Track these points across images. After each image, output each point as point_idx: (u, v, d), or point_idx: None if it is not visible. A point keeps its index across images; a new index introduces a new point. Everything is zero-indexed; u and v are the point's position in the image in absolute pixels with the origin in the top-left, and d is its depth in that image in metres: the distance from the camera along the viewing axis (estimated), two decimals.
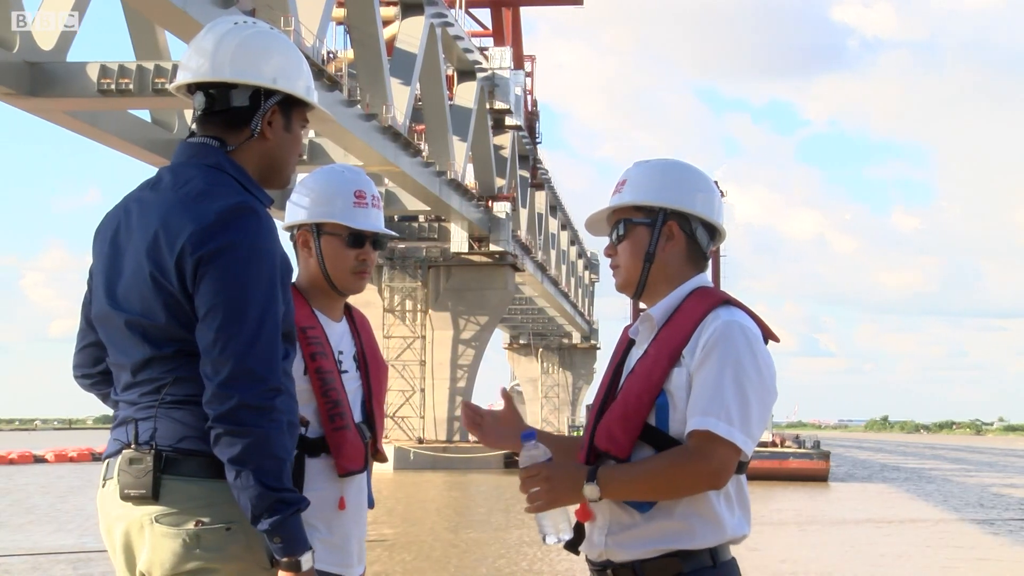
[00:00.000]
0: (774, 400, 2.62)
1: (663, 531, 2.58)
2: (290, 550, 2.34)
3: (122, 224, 2.50)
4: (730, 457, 2.51)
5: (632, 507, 2.59)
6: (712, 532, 2.58)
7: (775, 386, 2.61)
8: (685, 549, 2.57)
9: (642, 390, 2.60)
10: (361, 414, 3.10)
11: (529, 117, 55.16)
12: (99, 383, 2.62)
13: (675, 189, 2.72)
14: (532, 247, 54.84)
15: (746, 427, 2.52)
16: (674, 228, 2.71)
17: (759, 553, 17.97)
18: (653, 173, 2.75)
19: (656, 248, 2.71)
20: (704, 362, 2.55)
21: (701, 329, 2.59)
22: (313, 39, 28.05)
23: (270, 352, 2.36)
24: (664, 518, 2.57)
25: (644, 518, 2.58)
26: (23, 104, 24.59)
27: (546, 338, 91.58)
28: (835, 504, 31.53)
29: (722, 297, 2.67)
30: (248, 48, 2.54)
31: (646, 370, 2.62)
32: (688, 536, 2.57)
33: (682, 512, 2.57)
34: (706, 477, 2.51)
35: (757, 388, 2.55)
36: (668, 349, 2.60)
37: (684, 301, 2.67)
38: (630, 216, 2.74)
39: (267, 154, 2.57)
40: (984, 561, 18.88)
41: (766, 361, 2.59)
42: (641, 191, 2.73)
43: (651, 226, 2.71)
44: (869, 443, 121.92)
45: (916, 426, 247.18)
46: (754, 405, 2.54)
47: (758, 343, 2.59)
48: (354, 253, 3.11)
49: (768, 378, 2.58)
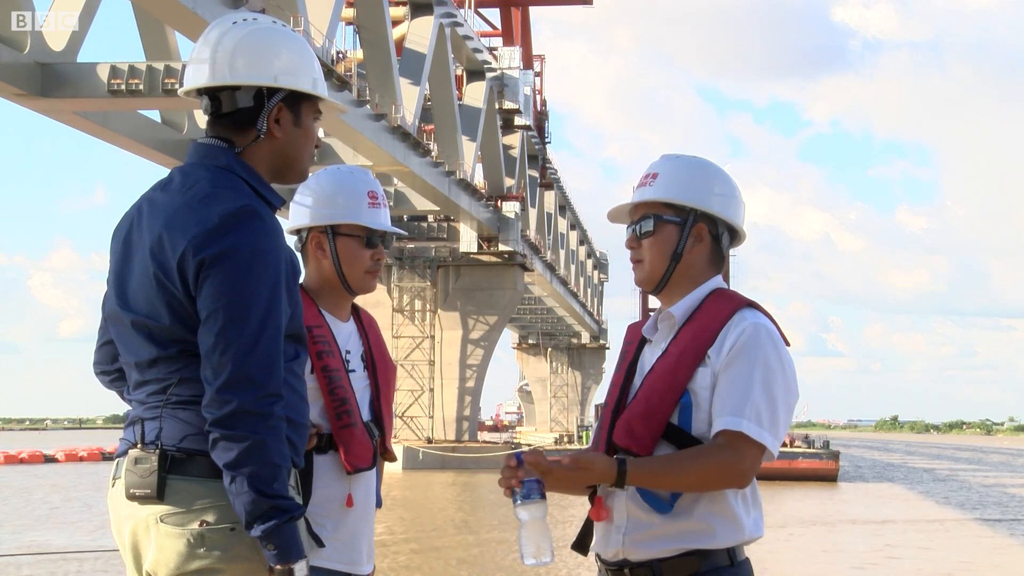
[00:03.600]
0: (796, 400, 2.63)
1: (683, 531, 2.58)
2: (283, 558, 2.33)
3: (135, 224, 2.50)
4: (757, 458, 2.54)
5: (652, 507, 2.59)
6: (731, 532, 2.59)
7: (798, 388, 2.64)
8: (704, 548, 2.57)
9: (666, 388, 2.60)
10: (369, 413, 3.10)
11: (538, 117, 55.15)
12: (117, 380, 2.62)
13: (708, 191, 2.71)
14: (541, 247, 54.82)
15: (774, 429, 2.55)
16: (703, 231, 2.71)
17: (771, 553, 17.94)
18: (687, 171, 2.73)
19: (684, 249, 2.70)
20: (732, 363, 2.56)
21: (727, 330, 2.59)
22: (322, 39, 28.08)
23: (270, 358, 2.35)
24: (684, 518, 2.58)
25: (664, 519, 2.58)
26: (34, 105, 24.65)
27: (555, 338, 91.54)
28: (845, 504, 31.45)
29: (745, 300, 2.68)
30: (247, 48, 2.50)
31: (669, 369, 2.61)
32: (708, 536, 2.58)
33: (702, 512, 2.58)
34: (735, 476, 2.53)
35: (783, 391, 2.57)
36: (693, 349, 2.61)
37: (704, 301, 2.67)
38: (660, 212, 2.71)
39: (278, 152, 2.55)
40: (999, 563, 18.82)
41: (790, 364, 2.61)
42: (675, 188, 2.71)
43: (681, 225, 2.70)
44: (879, 443, 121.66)
45: (926, 426, 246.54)
46: (781, 407, 2.56)
47: (782, 346, 2.61)
48: (370, 253, 3.13)
49: (792, 381, 2.61)
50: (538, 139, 54.70)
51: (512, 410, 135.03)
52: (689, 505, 2.58)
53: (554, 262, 60.20)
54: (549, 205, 59.62)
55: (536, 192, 55.12)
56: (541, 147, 55.74)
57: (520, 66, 48.13)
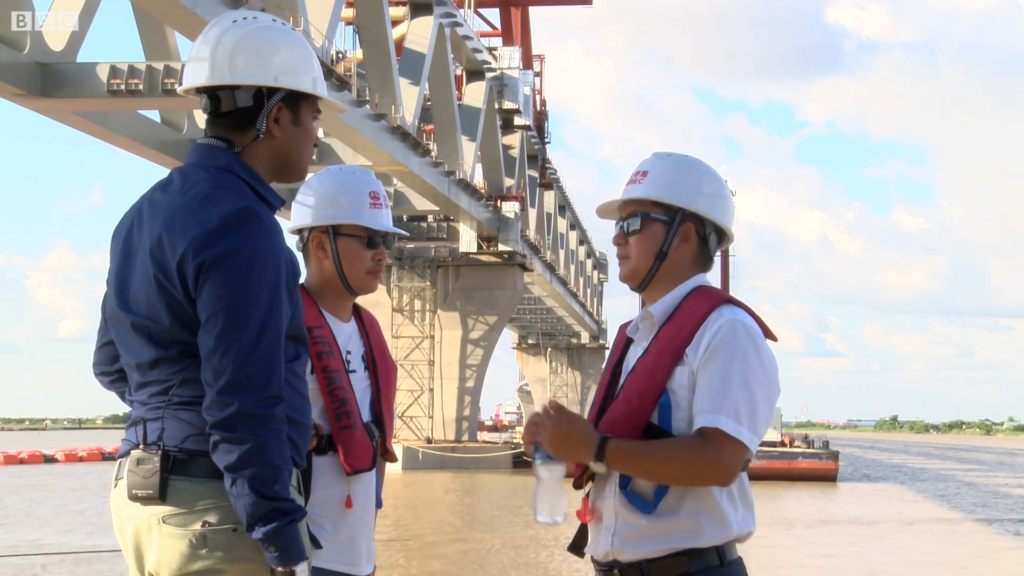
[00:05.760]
0: (778, 396, 2.62)
1: (670, 530, 2.57)
2: (285, 559, 2.33)
3: (135, 224, 2.50)
4: (738, 455, 2.52)
5: (636, 508, 2.59)
6: (719, 530, 2.58)
7: (779, 383, 2.62)
8: (693, 548, 2.57)
9: (645, 389, 2.60)
10: (370, 414, 3.11)
11: (538, 117, 55.11)
12: (117, 380, 2.62)
13: (697, 191, 2.71)
14: (541, 247, 54.80)
15: (753, 425, 2.53)
16: (690, 230, 2.71)
17: (770, 553, 17.95)
18: (676, 170, 2.73)
19: (670, 248, 2.71)
20: (710, 360, 2.56)
21: (704, 327, 2.59)
22: (322, 39, 28.07)
23: (270, 360, 2.35)
24: (671, 517, 2.57)
25: (650, 519, 2.58)
26: (33, 105, 24.64)
27: (555, 338, 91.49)
28: (844, 504, 31.46)
29: (724, 296, 2.67)
30: (247, 47, 2.49)
31: (648, 369, 2.62)
32: (696, 534, 2.57)
33: (688, 511, 2.57)
34: (716, 473, 2.52)
35: (763, 386, 2.56)
36: (671, 347, 2.61)
37: (685, 299, 2.68)
38: (648, 210, 2.72)
39: (278, 151, 2.55)
40: (999, 563, 18.82)
41: (770, 359, 2.60)
42: (663, 187, 2.71)
43: (668, 224, 2.71)
44: (878, 443, 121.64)
45: (926, 426, 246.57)
46: (760, 403, 2.55)
47: (762, 341, 2.60)
48: (371, 253, 3.14)
49: (772, 375, 2.60)
50: (538, 139, 54.66)
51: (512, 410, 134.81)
52: (675, 504, 2.57)
53: (554, 262, 60.18)
54: (549, 205, 59.60)
55: (536, 192, 55.10)
56: (541, 147, 55.70)
57: (520, 66, 48.12)
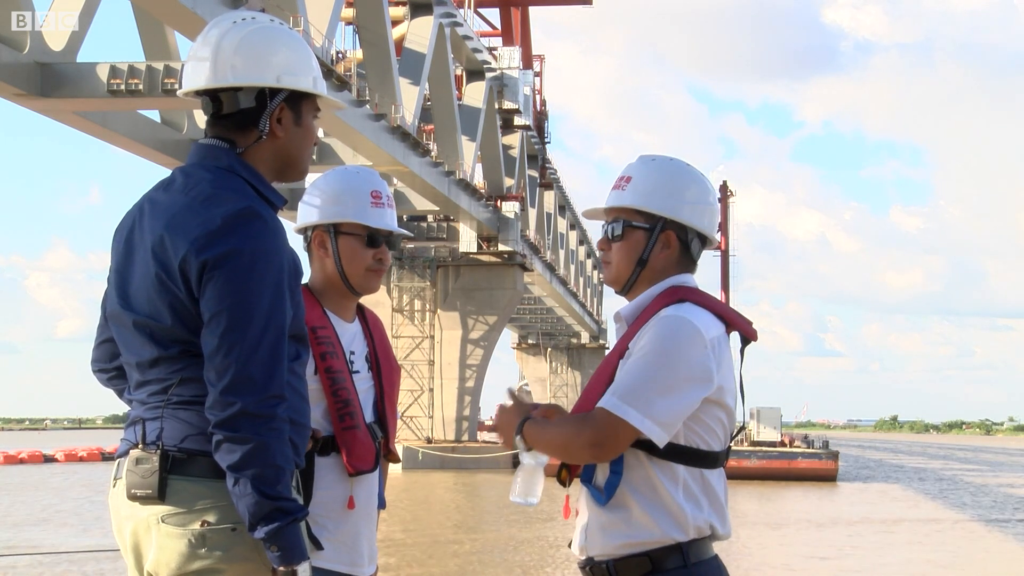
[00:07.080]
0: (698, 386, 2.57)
1: (627, 524, 2.60)
2: (287, 559, 2.33)
3: (136, 224, 2.50)
4: (618, 432, 2.55)
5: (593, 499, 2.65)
6: (675, 527, 2.59)
7: (699, 373, 2.57)
8: (655, 548, 2.59)
9: (596, 384, 2.68)
10: (373, 414, 3.10)
11: (538, 117, 55.13)
12: (115, 378, 2.62)
13: (679, 199, 2.74)
14: (541, 247, 54.81)
15: (639, 403, 2.53)
16: (671, 238, 2.74)
17: (769, 553, 17.96)
18: (659, 176, 2.75)
19: (650, 255, 2.74)
20: (633, 353, 2.62)
21: (648, 324, 2.64)
22: (322, 39, 28.07)
23: (273, 360, 2.35)
24: (623, 511, 2.61)
25: (607, 512, 2.63)
26: (33, 105, 24.64)
27: (555, 338, 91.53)
28: (844, 504, 31.46)
29: (680, 295, 2.68)
30: (248, 48, 2.49)
31: (602, 366, 2.71)
32: (650, 530, 2.59)
33: (641, 506, 2.60)
34: (590, 447, 2.57)
35: (664, 369, 2.55)
36: (621, 345, 2.68)
37: (653, 300, 2.71)
38: (630, 218, 2.75)
39: (280, 151, 2.55)
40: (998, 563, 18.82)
41: (684, 349, 2.57)
42: (645, 195, 2.74)
43: (649, 231, 2.74)
44: (878, 443, 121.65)
45: (926, 426, 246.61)
46: (657, 387, 2.54)
47: (684, 334, 2.57)
48: (371, 252, 3.13)
49: (681, 365, 2.56)
50: (537, 139, 54.68)
51: None
52: (626, 498, 2.61)
53: (554, 262, 60.19)
54: (549, 205, 59.61)
55: (536, 192, 55.12)
56: (540, 147, 55.72)
57: (520, 66, 48.14)
